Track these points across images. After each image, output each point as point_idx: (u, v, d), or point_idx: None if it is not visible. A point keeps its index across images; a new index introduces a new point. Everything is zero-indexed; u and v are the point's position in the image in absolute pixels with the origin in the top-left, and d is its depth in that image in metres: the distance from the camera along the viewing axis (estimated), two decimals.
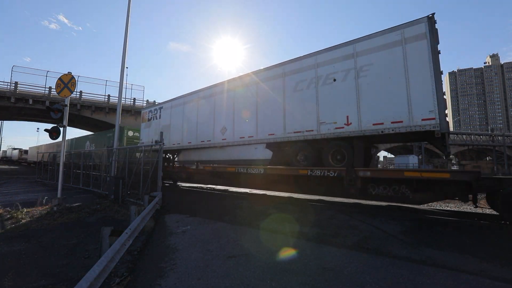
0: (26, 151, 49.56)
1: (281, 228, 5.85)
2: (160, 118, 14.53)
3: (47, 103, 25.18)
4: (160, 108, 14.74)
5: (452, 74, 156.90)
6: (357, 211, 7.46)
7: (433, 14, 6.19)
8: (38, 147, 37.31)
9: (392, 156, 61.33)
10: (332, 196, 9.12)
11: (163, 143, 8.93)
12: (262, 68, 9.93)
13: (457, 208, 8.33)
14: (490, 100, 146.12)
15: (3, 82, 26.37)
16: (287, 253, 4.35)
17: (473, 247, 4.44)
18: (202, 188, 14.33)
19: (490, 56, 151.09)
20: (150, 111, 15.72)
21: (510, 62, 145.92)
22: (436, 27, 6.22)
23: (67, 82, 8.96)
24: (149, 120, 15.55)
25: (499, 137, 46.49)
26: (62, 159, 9.15)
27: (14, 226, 6.38)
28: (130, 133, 17.59)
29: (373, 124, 6.73)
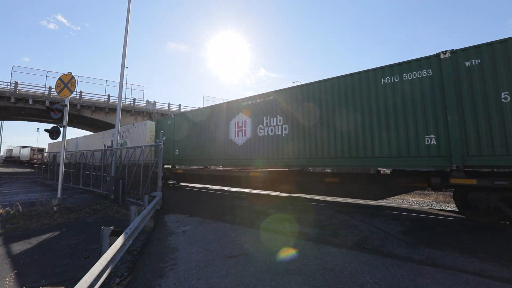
0: (41, 150, 38.48)
1: (281, 228, 5.85)
2: None
3: (47, 103, 25.20)
4: None
5: None
6: (357, 211, 7.46)
7: None
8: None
9: None
10: None
11: (163, 143, 8.92)
12: None
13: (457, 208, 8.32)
14: None
15: (3, 82, 26.40)
16: (287, 253, 4.35)
17: (473, 247, 4.44)
18: (201, 188, 14.33)
19: None
20: None
21: None
22: None
23: (67, 82, 8.96)
24: None
25: None
26: (62, 159, 9.15)
27: (14, 226, 6.38)
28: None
29: None
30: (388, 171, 7.96)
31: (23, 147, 45.95)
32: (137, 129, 16.94)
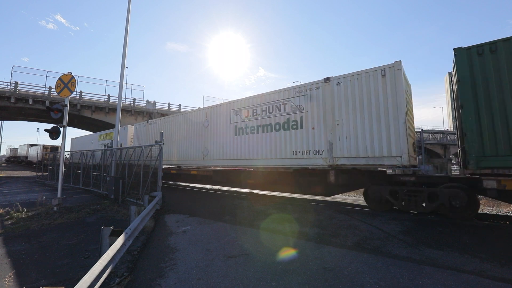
0: (55, 148, 31.53)
1: (281, 228, 5.85)
2: None
3: (47, 103, 25.25)
4: None
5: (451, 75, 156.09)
6: (357, 211, 7.46)
7: None
8: (106, 135, 20.31)
9: None
10: None
11: (163, 143, 8.91)
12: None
13: None
14: None
15: (3, 82, 26.44)
16: (287, 253, 4.35)
17: (473, 247, 4.44)
18: (201, 188, 14.33)
19: None
20: None
21: None
22: None
23: (67, 82, 8.96)
24: None
25: None
26: (62, 159, 9.14)
27: (14, 226, 6.38)
28: None
29: None
30: None
31: (32, 145, 39.86)
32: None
